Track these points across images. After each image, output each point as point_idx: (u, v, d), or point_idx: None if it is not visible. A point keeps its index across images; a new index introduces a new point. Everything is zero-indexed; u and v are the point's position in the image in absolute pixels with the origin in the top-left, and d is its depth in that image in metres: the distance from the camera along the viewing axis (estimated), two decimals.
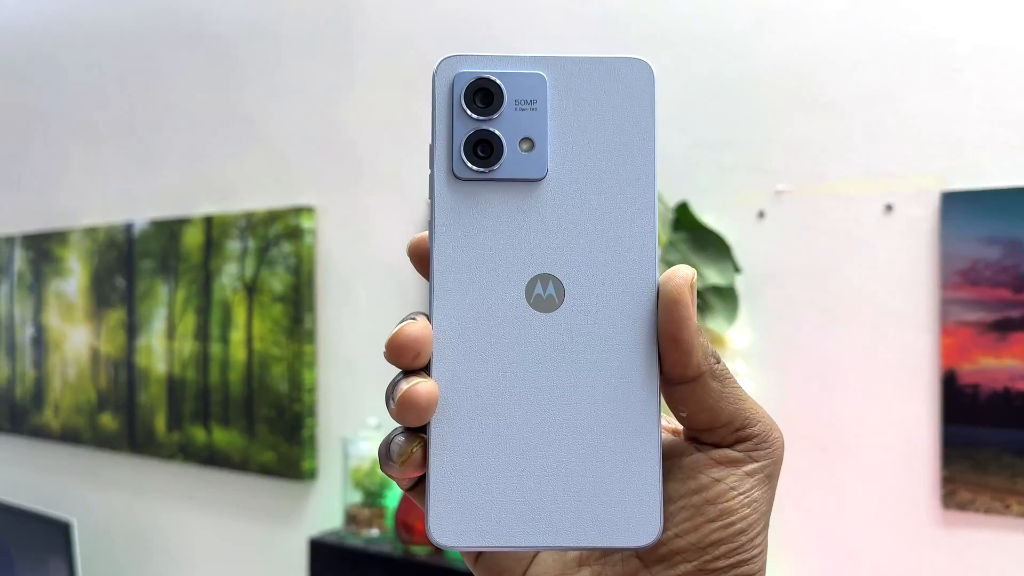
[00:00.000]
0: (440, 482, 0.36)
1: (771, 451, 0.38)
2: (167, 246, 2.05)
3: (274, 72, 1.92)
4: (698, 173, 1.41)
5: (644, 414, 0.37)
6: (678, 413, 0.38)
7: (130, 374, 2.14)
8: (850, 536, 1.31)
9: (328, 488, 1.82)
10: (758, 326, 1.37)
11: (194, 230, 2.00)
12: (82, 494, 2.30)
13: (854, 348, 1.31)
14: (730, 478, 0.37)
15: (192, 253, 2.00)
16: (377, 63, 1.78)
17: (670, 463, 0.38)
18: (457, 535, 0.36)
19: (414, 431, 0.37)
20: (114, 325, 2.18)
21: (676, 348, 0.36)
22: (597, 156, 0.38)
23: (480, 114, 0.38)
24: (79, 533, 2.00)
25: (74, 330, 2.28)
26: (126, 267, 2.14)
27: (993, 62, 1.22)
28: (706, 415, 0.37)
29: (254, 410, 1.89)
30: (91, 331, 2.24)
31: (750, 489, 0.37)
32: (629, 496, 0.36)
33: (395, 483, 0.38)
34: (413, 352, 0.36)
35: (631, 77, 0.38)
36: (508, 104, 0.38)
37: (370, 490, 1.67)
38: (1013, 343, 1.19)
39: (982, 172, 1.22)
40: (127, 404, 2.15)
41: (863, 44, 1.30)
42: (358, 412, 1.76)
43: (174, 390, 2.04)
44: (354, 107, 1.81)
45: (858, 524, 1.30)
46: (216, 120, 2.02)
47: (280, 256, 1.84)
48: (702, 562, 0.36)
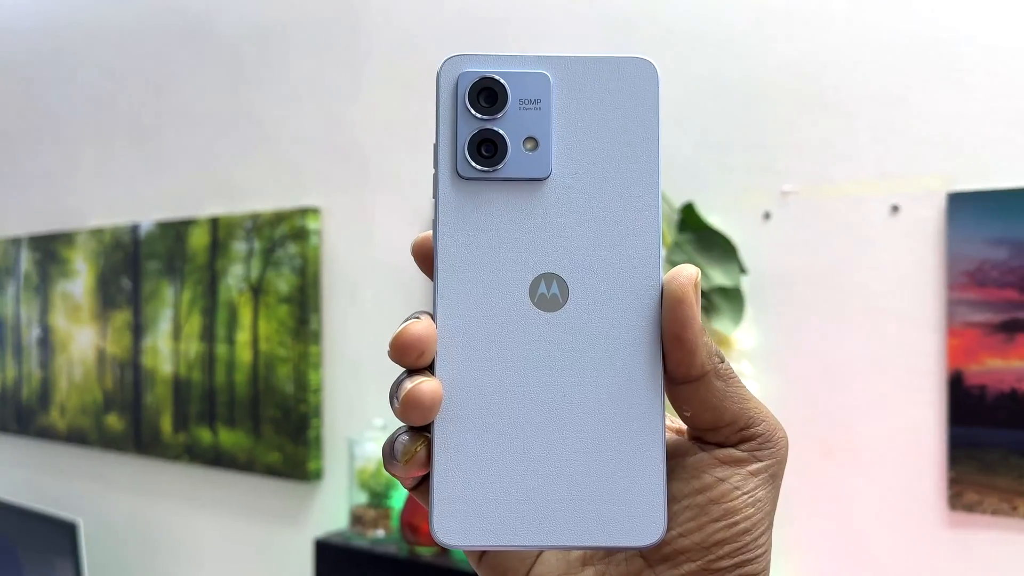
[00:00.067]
0: (444, 481, 0.36)
1: (775, 451, 0.37)
2: (173, 247, 2.06)
3: (281, 74, 1.92)
4: (704, 174, 1.41)
5: (648, 413, 0.37)
6: (682, 412, 0.38)
7: (136, 375, 2.15)
8: (857, 537, 1.31)
9: (334, 489, 1.83)
10: (764, 327, 1.37)
11: (200, 231, 2.00)
12: (88, 495, 2.31)
13: (860, 349, 1.30)
14: (734, 478, 0.37)
15: (198, 254, 2.00)
16: (383, 65, 1.78)
17: (674, 462, 0.38)
18: (461, 534, 0.36)
19: (418, 430, 0.37)
20: (120, 326, 2.18)
21: (680, 347, 0.36)
22: (601, 155, 0.38)
23: (484, 113, 0.38)
24: (85, 533, 2.00)
25: (80, 331, 2.29)
26: (132, 268, 2.15)
27: (1000, 63, 1.22)
28: (710, 414, 0.37)
29: (260, 411, 1.89)
30: (97, 332, 2.25)
31: (754, 489, 0.37)
32: (633, 495, 0.36)
33: (399, 483, 0.38)
34: (417, 351, 0.36)
35: (635, 76, 0.38)
36: (512, 103, 0.38)
37: (376, 491, 1.67)
38: (1020, 344, 1.19)
39: (989, 173, 1.22)
40: (133, 405, 2.15)
41: (870, 45, 1.30)
42: (363, 413, 1.76)
43: (180, 391, 2.04)
44: (360, 109, 1.81)
45: (865, 525, 1.30)
46: (222, 122, 2.02)
47: (286, 257, 1.84)
48: (706, 561, 0.36)
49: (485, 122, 0.38)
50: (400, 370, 0.37)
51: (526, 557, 0.40)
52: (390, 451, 0.37)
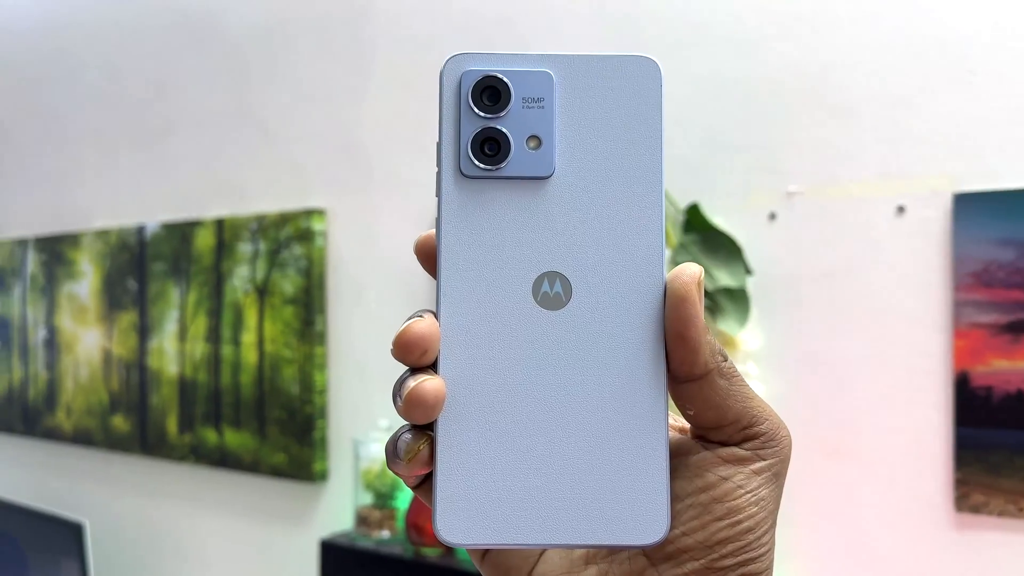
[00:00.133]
0: (447, 479, 0.36)
1: (778, 449, 0.37)
2: (179, 249, 2.06)
3: (286, 75, 1.93)
4: (709, 174, 1.41)
5: (651, 412, 0.37)
6: (685, 411, 0.38)
7: (142, 376, 2.15)
8: (862, 539, 1.30)
9: (339, 490, 1.83)
10: (769, 328, 1.37)
11: (206, 233, 2.00)
12: (94, 495, 2.31)
13: (866, 350, 1.30)
14: (737, 476, 0.36)
15: (204, 255, 2.00)
16: (389, 66, 1.78)
17: (677, 461, 0.38)
18: (464, 533, 0.36)
19: (421, 428, 0.37)
20: (126, 327, 2.19)
21: (683, 346, 0.36)
22: (604, 154, 0.38)
23: (487, 112, 0.38)
24: (91, 534, 2.01)
25: (86, 332, 2.29)
26: (138, 269, 2.15)
27: (1006, 63, 1.21)
28: (713, 413, 0.37)
29: (265, 412, 1.89)
30: (103, 333, 2.25)
31: (757, 487, 0.37)
32: (636, 494, 0.36)
33: (403, 481, 0.38)
34: (420, 349, 0.36)
35: (638, 75, 0.38)
36: (515, 102, 0.38)
37: (381, 492, 1.67)
38: None
39: (995, 173, 1.22)
40: (139, 406, 2.16)
41: (875, 45, 1.29)
42: (369, 414, 1.76)
43: (186, 392, 2.05)
44: (365, 110, 1.81)
45: (870, 527, 1.30)
46: (228, 123, 2.02)
47: (291, 258, 1.85)
48: (709, 560, 0.36)
49: (488, 121, 0.38)
50: (403, 368, 0.37)
51: (529, 556, 0.40)
52: (393, 449, 0.37)
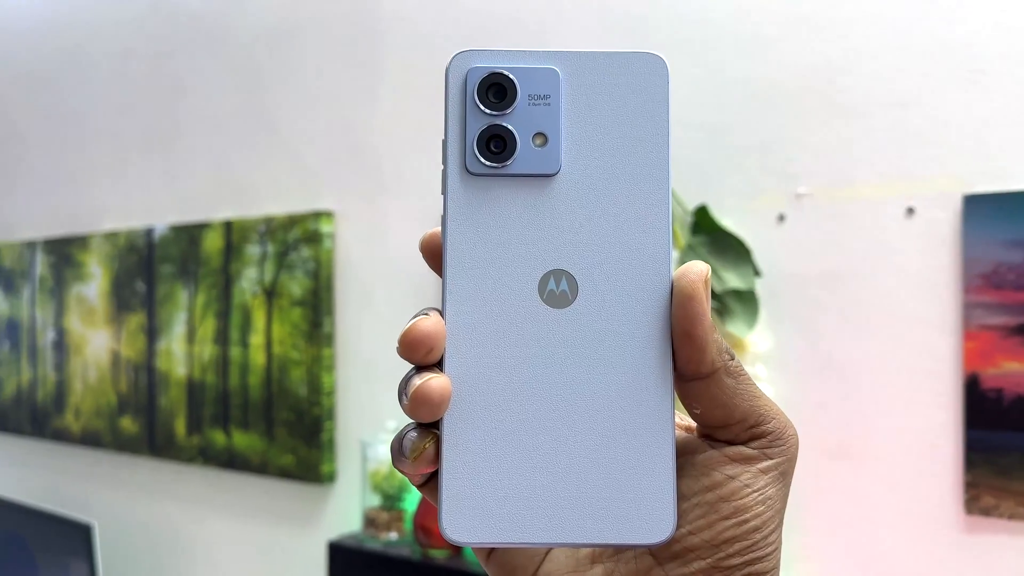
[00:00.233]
0: (453, 478, 0.36)
1: (785, 448, 0.37)
2: (187, 251, 2.06)
3: (295, 78, 1.93)
4: (718, 176, 1.40)
5: (658, 410, 0.36)
6: (692, 410, 0.38)
7: (150, 378, 2.15)
8: (872, 541, 1.30)
9: (347, 491, 1.83)
10: (778, 330, 1.36)
11: (214, 235, 2.00)
12: (103, 497, 2.32)
13: (876, 352, 1.30)
14: (744, 475, 0.36)
15: (212, 258, 2.01)
16: (397, 69, 1.78)
17: (683, 460, 0.38)
18: (470, 531, 0.36)
19: (427, 427, 0.37)
20: (134, 329, 2.19)
21: (690, 344, 0.36)
22: (611, 151, 0.37)
23: (493, 109, 0.37)
24: (100, 535, 2.01)
25: (95, 334, 2.30)
26: (146, 271, 2.15)
27: (1016, 64, 1.21)
28: (720, 412, 0.37)
29: (273, 413, 1.89)
30: (112, 335, 2.25)
31: (764, 486, 0.36)
32: (643, 493, 0.36)
33: (408, 480, 0.38)
34: (426, 347, 0.36)
35: (645, 72, 0.38)
36: (521, 99, 0.37)
37: (389, 493, 1.67)
38: None
39: (1005, 175, 1.21)
40: (147, 407, 2.16)
41: (884, 47, 1.29)
42: (377, 415, 1.76)
43: (194, 394, 2.05)
44: (373, 112, 1.81)
45: (880, 529, 1.29)
46: (236, 126, 2.03)
47: (299, 260, 1.85)
48: (716, 559, 0.36)
49: (494, 118, 0.37)
50: (409, 366, 0.37)
51: (535, 555, 0.40)
52: (399, 448, 0.37)
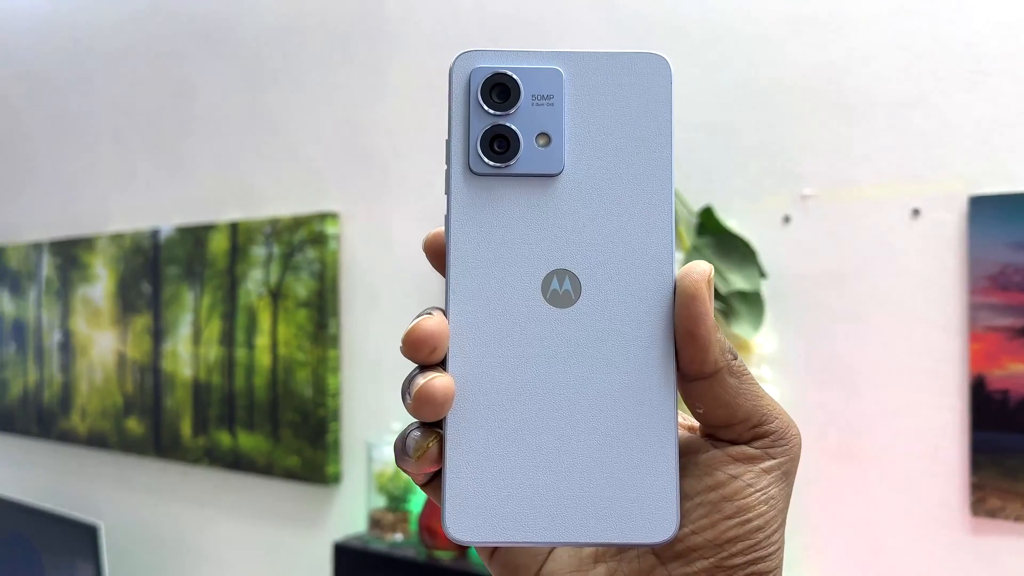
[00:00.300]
0: (456, 477, 0.36)
1: (788, 448, 0.37)
2: (193, 252, 2.07)
3: (300, 79, 1.93)
4: (723, 177, 1.40)
5: (661, 410, 0.36)
6: (695, 409, 0.38)
7: (156, 379, 2.16)
8: (878, 543, 1.30)
9: (352, 492, 1.83)
10: (784, 331, 1.36)
11: (219, 236, 2.01)
12: (109, 497, 2.32)
13: (881, 353, 1.29)
14: (747, 475, 0.36)
15: (218, 259, 2.01)
16: (403, 70, 1.78)
17: (687, 460, 0.38)
18: (473, 530, 0.36)
19: (430, 426, 0.37)
20: (140, 330, 2.20)
21: (693, 344, 0.36)
22: (614, 151, 0.37)
23: (497, 109, 0.38)
24: (106, 536, 2.02)
25: (101, 335, 2.30)
26: (152, 273, 2.16)
27: (1021, 65, 1.21)
28: (723, 411, 0.37)
29: (279, 415, 1.89)
30: (117, 336, 2.26)
31: (767, 486, 0.36)
32: (646, 492, 0.36)
33: (411, 479, 0.38)
34: (429, 347, 0.36)
35: (648, 72, 0.38)
36: (525, 99, 0.38)
37: (394, 494, 1.67)
38: None
39: (1011, 176, 1.21)
40: (153, 409, 2.16)
41: (890, 47, 1.29)
42: (382, 416, 1.76)
43: (200, 395, 2.05)
44: (379, 114, 1.81)
45: (886, 531, 1.29)
46: (242, 127, 2.03)
47: (305, 262, 1.85)
48: (719, 559, 0.36)
49: (498, 118, 0.38)
50: (412, 366, 0.37)
51: (538, 554, 0.40)
52: (402, 447, 0.37)
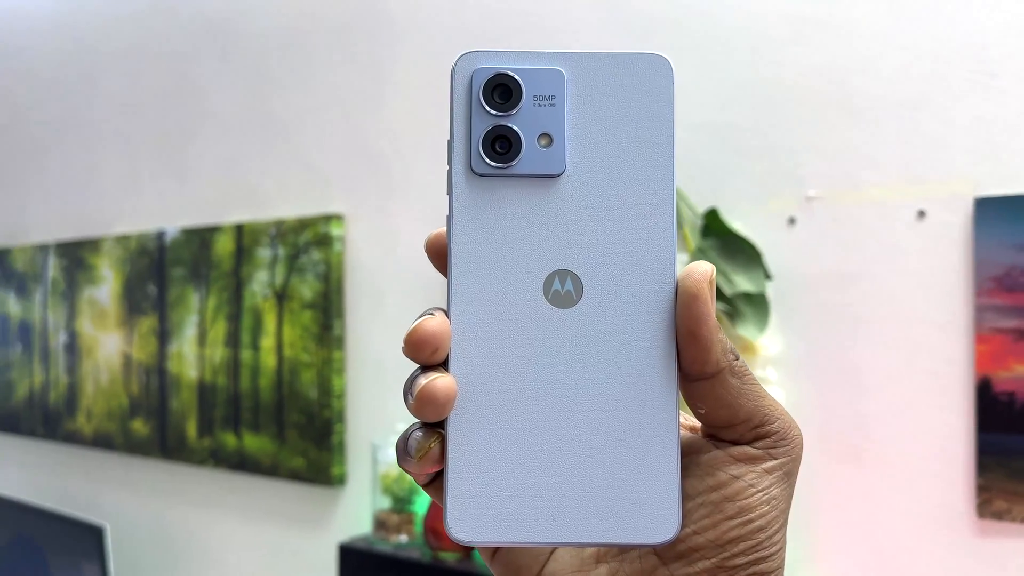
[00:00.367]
0: (458, 477, 0.36)
1: (790, 448, 0.37)
2: (198, 254, 2.07)
3: (305, 81, 1.93)
4: (728, 179, 1.40)
5: (662, 410, 0.36)
6: (696, 410, 0.38)
7: (162, 380, 2.16)
8: (883, 545, 1.29)
9: (357, 494, 1.83)
10: (789, 333, 1.36)
11: (225, 238, 2.01)
12: (114, 499, 2.32)
13: (887, 355, 1.29)
14: (749, 475, 0.36)
15: (223, 261, 2.01)
16: (408, 71, 1.78)
17: (688, 460, 0.38)
18: (475, 531, 0.36)
19: (432, 426, 0.37)
20: (146, 332, 2.20)
21: (695, 344, 0.36)
22: (615, 151, 0.37)
23: (498, 110, 0.38)
24: (112, 537, 2.02)
25: (106, 337, 2.31)
26: (158, 274, 2.16)
27: None
28: (725, 412, 0.37)
29: (284, 416, 1.90)
30: (123, 338, 2.26)
31: (769, 486, 0.36)
32: (647, 492, 0.36)
33: (413, 479, 0.38)
34: (431, 347, 0.36)
35: (650, 73, 0.38)
36: (526, 100, 0.38)
37: (399, 496, 1.67)
38: None
39: (1017, 177, 1.20)
40: (159, 410, 2.17)
41: (895, 49, 1.29)
42: (387, 418, 1.76)
43: (205, 396, 2.06)
44: (384, 115, 1.81)
45: (892, 533, 1.29)
46: (247, 129, 2.03)
47: (310, 263, 1.85)
48: (720, 559, 0.36)
49: (499, 118, 0.38)
50: (414, 366, 0.37)
51: (539, 554, 0.40)
52: (404, 447, 0.37)
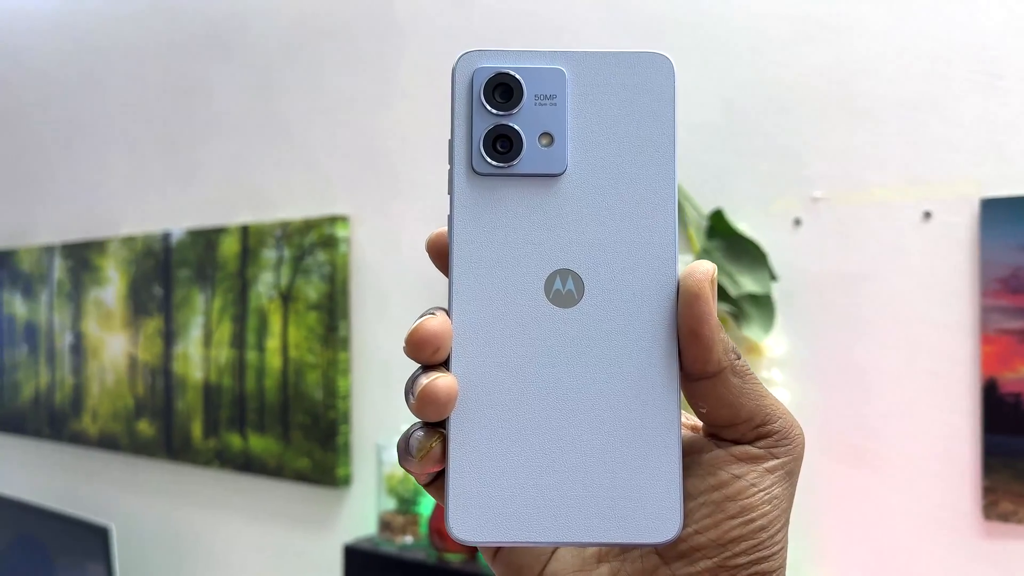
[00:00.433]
0: (459, 477, 0.36)
1: (792, 447, 0.37)
2: (204, 255, 2.07)
3: (310, 83, 1.94)
4: (733, 180, 1.40)
5: (664, 410, 0.36)
6: (698, 409, 0.37)
7: (167, 381, 2.16)
8: (889, 547, 1.29)
9: (362, 495, 1.83)
10: (795, 334, 1.36)
11: (230, 239, 2.01)
12: (120, 500, 2.33)
13: (892, 356, 1.29)
14: (750, 475, 0.36)
15: (228, 262, 2.02)
16: (413, 74, 1.78)
17: (690, 459, 0.38)
18: (476, 530, 0.36)
19: (433, 426, 0.37)
20: (151, 333, 2.20)
21: (696, 343, 0.36)
22: (616, 151, 0.37)
23: (499, 109, 0.38)
24: (117, 538, 2.02)
25: (112, 338, 2.31)
26: (163, 276, 2.17)
27: None
28: (727, 411, 0.37)
29: (289, 417, 1.90)
30: (129, 339, 2.27)
31: (771, 486, 0.36)
32: (649, 492, 0.36)
33: (415, 478, 0.38)
34: (433, 347, 0.36)
35: (651, 72, 0.38)
36: (527, 99, 0.38)
37: (404, 497, 1.67)
38: None
39: (1022, 178, 1.20)
40: (164, 411, 2.17)
41: (900, 50, 1.28)
42: (392, 419, 1.76)
43: (210, 397, 2.06)
44: (389, 117, 1.82)
45: (897, 535, 1.28)
46: (253, 130, 2.04)
47: (315, 265, 1.85)
48: (722, 559, 0.36)
49: (500, 118, 0.38)
50: (415, 366, 0.37)
51: (541, 553, 0.40)
52: (405, 447, 0.37)
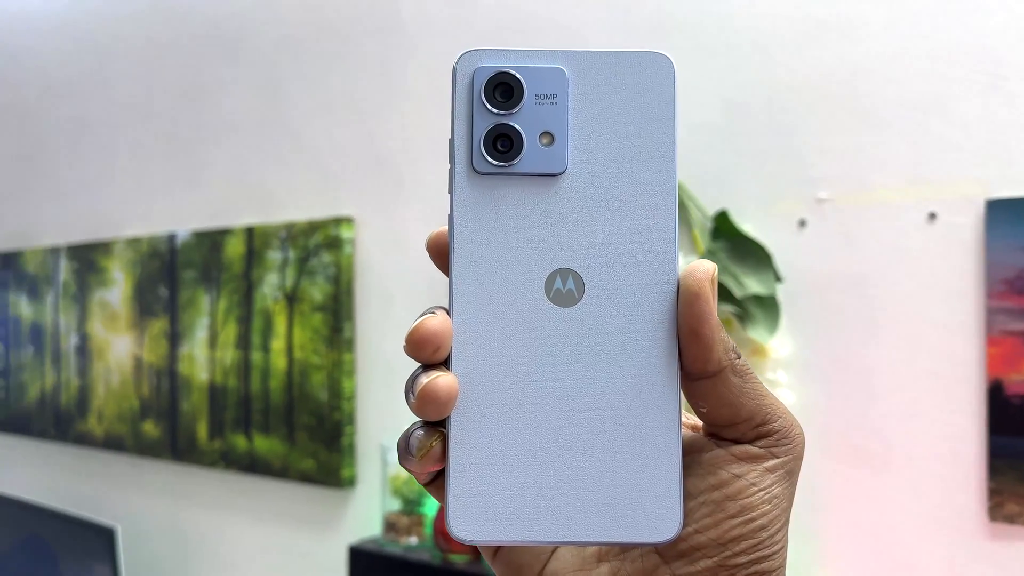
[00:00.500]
0: (459, 476, 0.36)
1: (792, 447, 0.37)
2: (209, 256, 2.07)
3: (315, 84, 1.94)
4: (738, 181, 1.40)
5: (664, 409, 0.36)
6: (698, 408, 0.37)
7: (172, 382, 2.17)
8: (895, 548, 1.29)
9: (367, 496, 1.83)
10: (800, 336, 1.36)
11: (235, 241, 2.02)
12: (125, 500, 2.33)
13: (898, 358, 1.29)
14: (751, 474, 0.36)
15: (233, 263, 2.02)
16: (417, 75, 1.79)
17: (690, 459, 0.38)
18: (476, 529, 0.36)
19: (433, 425, 0.37)
20: (157, 334, 2.21)
21: (697, 343, 0.36)
22: (617, 150, 0.37)
23: (500, 108, 0.38)
24: (122, 539, 2.02)
25: (117, 339, 2.32)
26: (169, 277, 2.17)
27: None
28: (727, 410, 0.37)
29: (294, 418, 1.90)
30: (134, 340, 2.27)
31: (771, 485, 0.36)
32: (649, 491, 0.36)
33: (415, 478, 0.38)
34: (433, 346, 0.36)
35: (651, 71, 0.38)
36: (528, 98, 0.38)
37: (409, 498, 1.67)
38: None
39: None
40: (169, 412, 2.17)
41: (905, 51, 1.28)
42: (397, 420, 1.76)
43: (216, 398, 2.06)
44: (394, 119, 1.82)
45: (903, 536, 1.28)
46: (258, 132, 2.04)
47: (320, 266, 1.85)
48: (722, 558, 0.35)
49: (501, 117, 0.38)
50: (416, 365, 0.37)
51: (541, 553, 0.40)
52: (405, 446, 0.37)
